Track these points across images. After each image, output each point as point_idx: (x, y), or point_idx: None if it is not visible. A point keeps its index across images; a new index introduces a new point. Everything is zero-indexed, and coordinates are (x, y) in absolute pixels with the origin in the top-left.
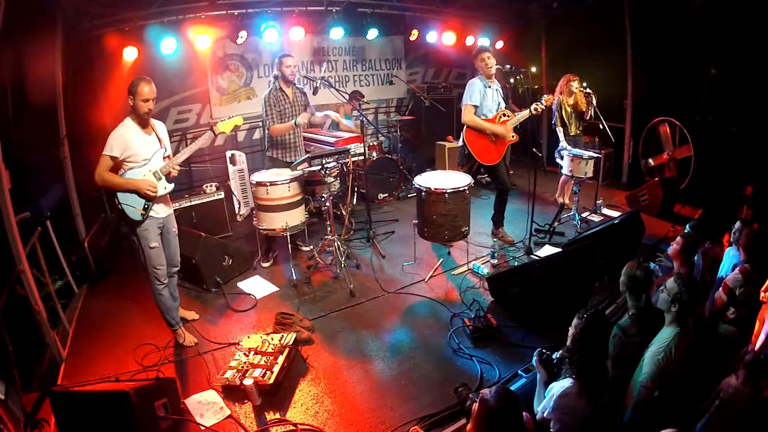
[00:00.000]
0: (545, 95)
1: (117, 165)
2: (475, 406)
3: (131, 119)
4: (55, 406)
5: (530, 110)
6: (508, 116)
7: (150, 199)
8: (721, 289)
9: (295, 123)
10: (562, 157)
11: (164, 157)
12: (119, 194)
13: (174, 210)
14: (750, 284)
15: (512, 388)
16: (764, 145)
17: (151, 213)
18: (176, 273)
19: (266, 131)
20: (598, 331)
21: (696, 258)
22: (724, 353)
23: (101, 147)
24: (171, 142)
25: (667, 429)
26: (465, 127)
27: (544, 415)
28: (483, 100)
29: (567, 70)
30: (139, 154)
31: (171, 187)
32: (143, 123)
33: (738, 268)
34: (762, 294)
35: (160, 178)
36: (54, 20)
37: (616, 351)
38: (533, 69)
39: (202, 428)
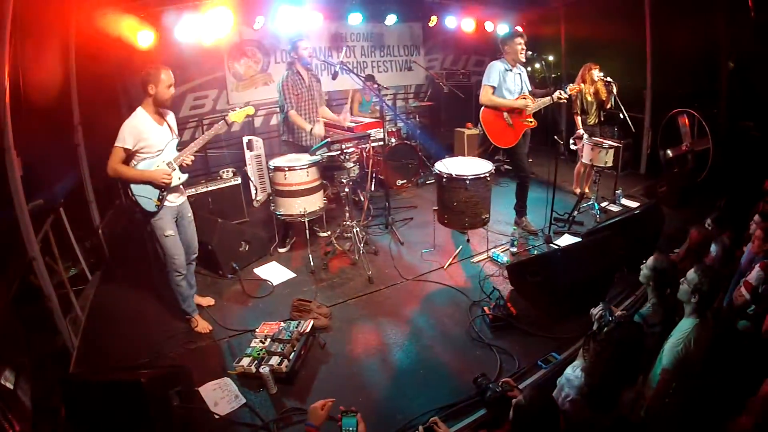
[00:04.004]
0: (569, 85)
1: (130, 156)
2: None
3: (144, 109)
4: (65, 394)
5: (551, 98)
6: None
7: (164, 189)
8: (743, 286)
9: (310, 131)
10: (577, 145)
11: (177, 147)
12: (132, 186)
13: (190, 195)
14: None
15: (532, 378)
16: None
17: (166, 202)
18: (194, 260)
19: (283, 117)
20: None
21: (713, 250)
22: (743, 348)
23: (116, 132)
24: (186, 129)
25: None
26: (482, 108)
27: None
28: (502, 81)
29: (586, 59)
30: (153, 144)
31: (185, 177)
32: (157, 112)
33: (758, 265)
34: None
35: (174, 168)
36: (68, 5)
37: None
38: (550, 57)
39: (216, 417)
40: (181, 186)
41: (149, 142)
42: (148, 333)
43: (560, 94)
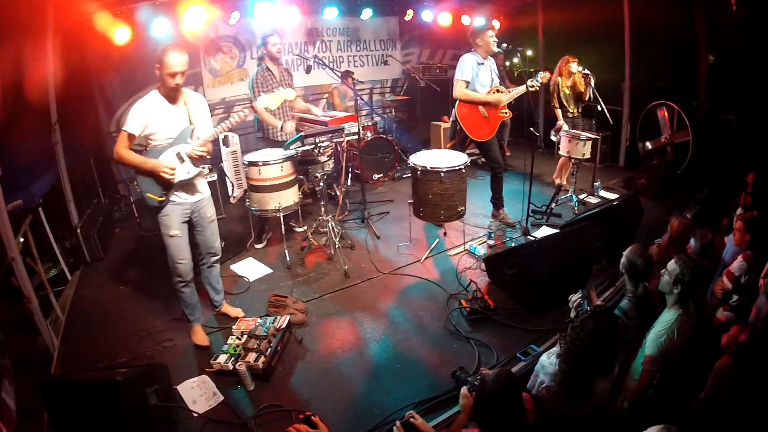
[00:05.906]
0: (541, 72)
1: (142, 142)
2: (464, 390)
3: (158, 91)
4: (45, 396)
5: (526, 86)
6: (502, 92)
7: (168, 184)
8: (725, 277)
9: (280, 126)
10: (556, 136)
11: (194, 137)
12: (138, 176)
13: None
14: (752, 271)
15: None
16: (762, 133)
17: (173, 198)
18: (215, 262)
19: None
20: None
21: (692, 242)
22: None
23: (93, 131)
24: None
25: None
26: (457, 102)
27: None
28: (475, 75)
29: (564, 52)
30: (161, 131)
31: (196, 171)
32: (172, 97)
33: (741, 256)
34: (761, 281)
35: (183, 161)
36: (45, 4)
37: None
38: (529, 52)
39: (195, 415)
40: (195, 182)
41: (157, 128)
42: (128, 332)
43: (533, 82)
